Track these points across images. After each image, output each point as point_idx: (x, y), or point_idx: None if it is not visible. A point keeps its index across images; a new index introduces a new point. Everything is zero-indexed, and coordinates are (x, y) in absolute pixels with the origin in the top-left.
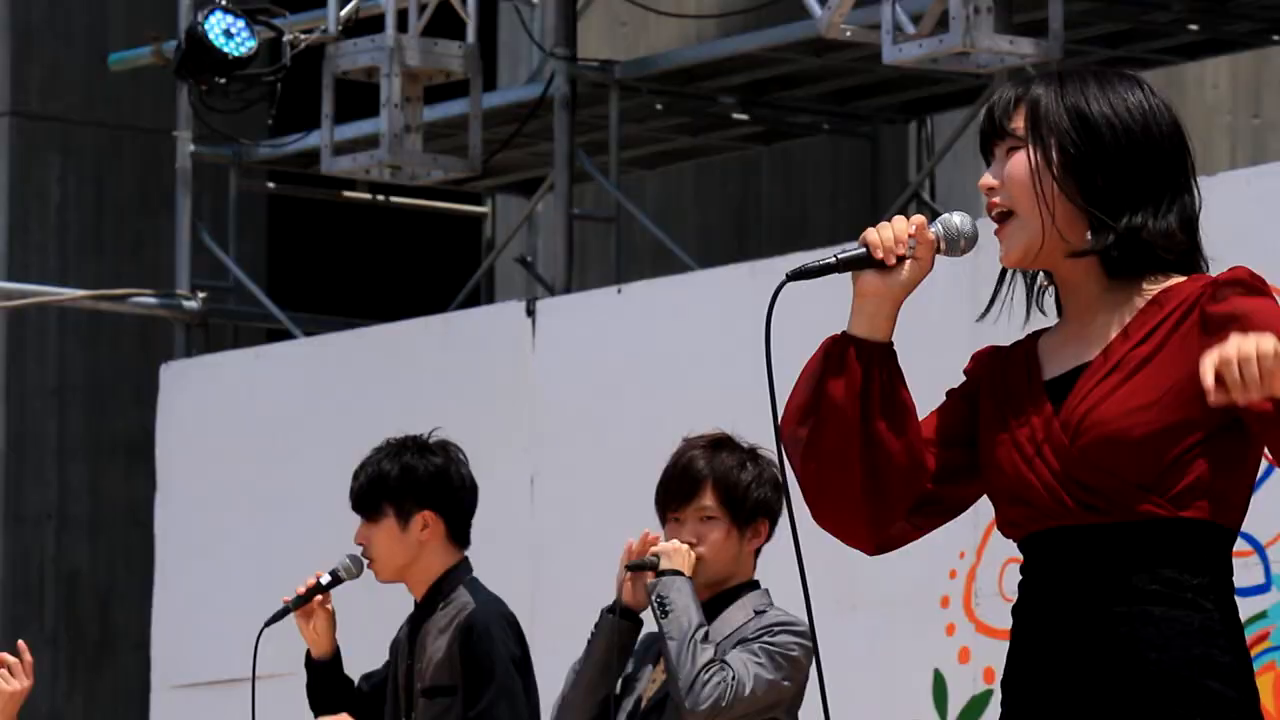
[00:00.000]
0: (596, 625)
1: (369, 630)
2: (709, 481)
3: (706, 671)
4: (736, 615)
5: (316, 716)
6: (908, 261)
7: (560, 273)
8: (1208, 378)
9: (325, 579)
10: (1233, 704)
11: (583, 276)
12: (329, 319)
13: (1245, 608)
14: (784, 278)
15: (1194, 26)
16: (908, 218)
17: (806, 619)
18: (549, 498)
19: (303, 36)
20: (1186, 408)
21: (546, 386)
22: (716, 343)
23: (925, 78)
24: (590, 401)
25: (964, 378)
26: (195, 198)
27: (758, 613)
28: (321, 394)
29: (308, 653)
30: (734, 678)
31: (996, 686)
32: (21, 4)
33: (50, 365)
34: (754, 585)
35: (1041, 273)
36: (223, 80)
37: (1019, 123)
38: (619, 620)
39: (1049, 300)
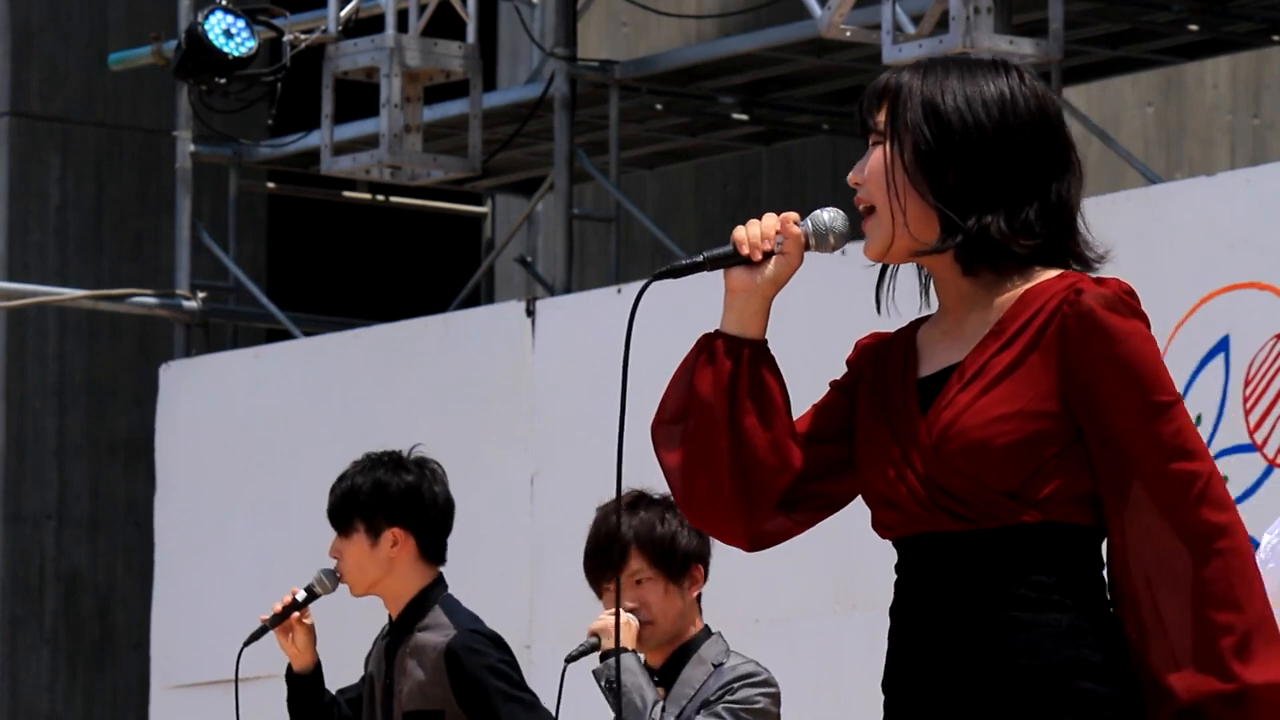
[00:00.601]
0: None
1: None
2: (634, 545)
3: None
4: (696, 674)
5: None
6: (775, 257)
7: (560, 273)
8: None
9: (301, 595)
10: (1105, 700)
11: (583, 276)
12: (329, 319)
13: None
14: (650, 277)
15: (1194, 26)
16: (784, 214)
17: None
18: (549, 498)
19: (303, 36)
20: (1047, 418)
21: (546, 386)
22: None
23: None
24: (590, 401)
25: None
26: (195, 198)
27: (716, 666)
28: (321, 394)
29: (289, 666)
30: None
31: None
32: (21, 4)
33: (50, 365)
34: (707, 634)
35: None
36: (223, 80)
37: (880, 116)
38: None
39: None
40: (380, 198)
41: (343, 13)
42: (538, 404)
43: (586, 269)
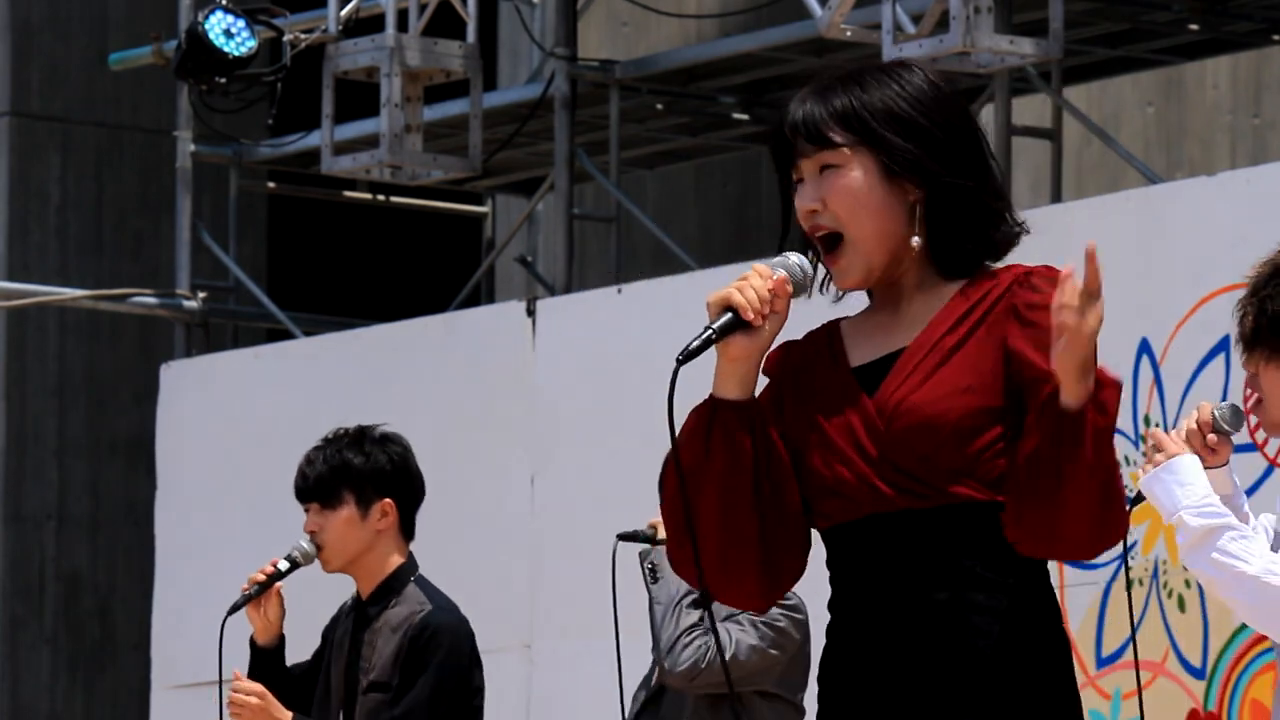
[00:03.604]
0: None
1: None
2: None
3: (689, 634)
4: None
5: None
6: (771, 317)
7: (560, 273)
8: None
9: (283, 565)
10: (1055, 676)
11: (583, 276)
12: (329, 319)
13: None
14: (675, 363)
15: (1194, 26)
16: (756, 266)
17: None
18: (549, 498)
19: (303, 36)
20: (996, 395)
21: (546, 386)
22: None
23: None
24: (590, 401)
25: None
26: (195, 198)
27: None
28: (321, 394)
29: (251, 638)
30: (714, 642)
31: None
32: (21, 4)
33: (50, 365)
34: None
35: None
36: (223, 80)
37: (838, 135)
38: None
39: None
40: (380, 198)
41: (343, 12)
42: (538, 404)
43: (587, 269)
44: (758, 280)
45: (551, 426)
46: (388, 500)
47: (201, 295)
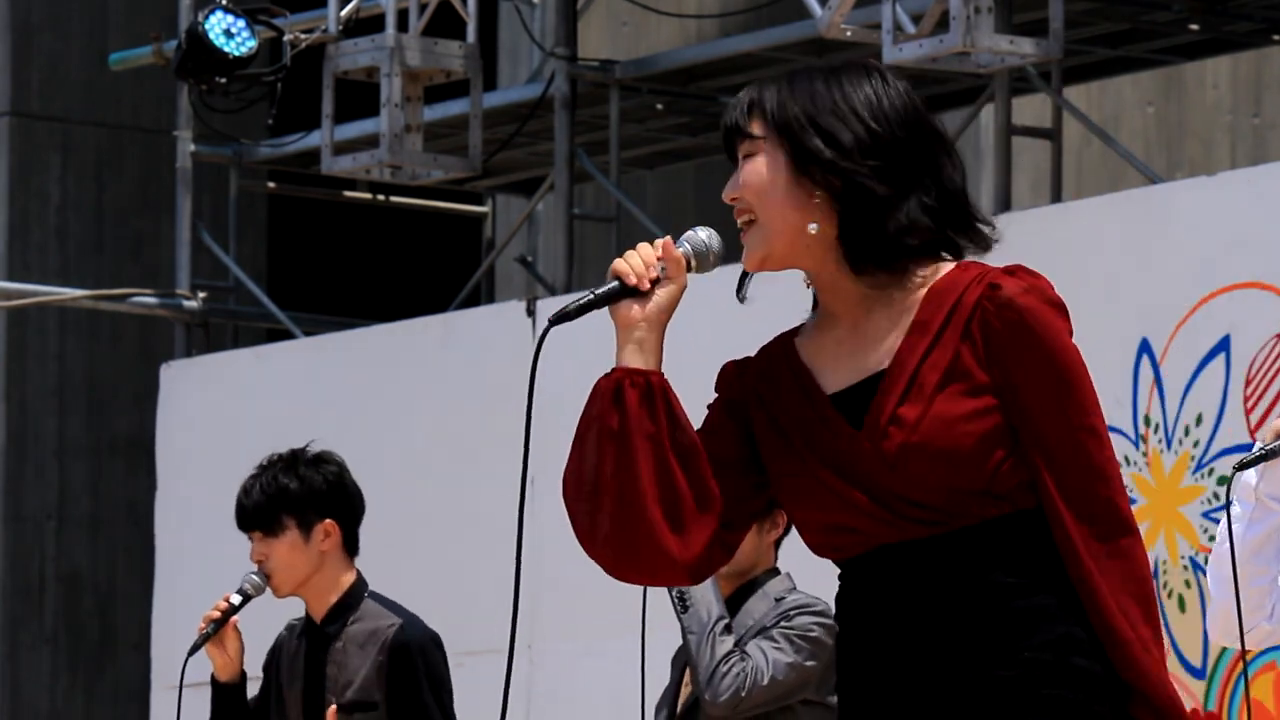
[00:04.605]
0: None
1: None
2: None
3: (725, 663)
4: (759, 606)
5: None
6: (661, 283)
7: (560, 273)
8: None
9: (236, 599)
10: (1099, 678)
11: (583, 276)
12: (329, 319)
13: None
14: (547, 323)
15: (1194, 26)
16: (658, 240)
17: (818, 602)
18: (549, 498)
19: (303, 36)
20: (995, 411)
21: (547, 386)
22: (716, 343)
23: (925, 78)
24: None
25: (716, 394)
26: (195, 198)
27: (778, 600)
28: (321, 394)
29: (213, 676)
30: (753, 667)
31: None
32: (21, 4)
33: (50, 365)
34: (775, 573)
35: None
36: (223, 80)
37: (754, 127)
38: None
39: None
40: (380, 198)
41: (343, 12)
42: (538, 404)
43: (587, 269)
44: (646, 248)
45: (551, 426)
46: (329, 520)
47: (201, 295)
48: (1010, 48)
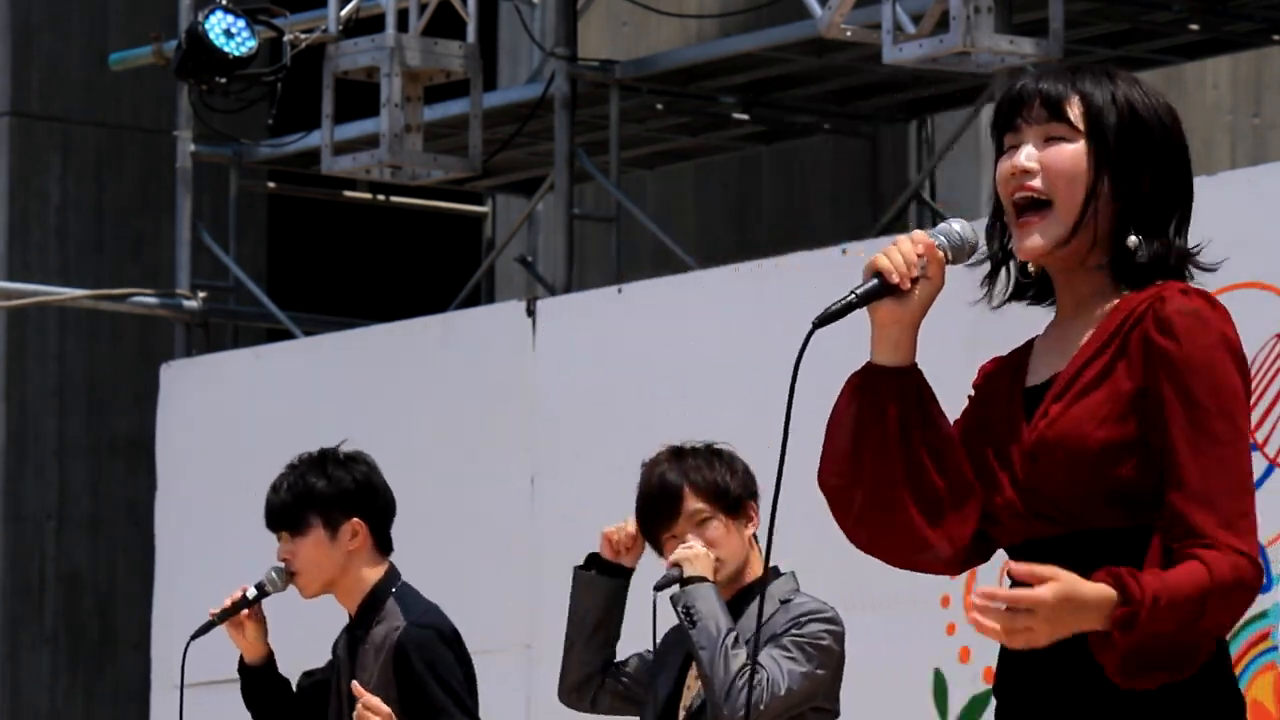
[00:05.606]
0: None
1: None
2: (687, 486)
3: (740, 677)
4: (765, 609)
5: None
6: (920, 281)
7: (560, 273)
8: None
9: (251, 593)
10: (1221, 686)
11: (583, 276)
12: (329, 319)
13: None
14: (811, 326)
15: (1194, 26)
16: (912, 233)
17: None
18: (549, 498)
19: (303, 36)
20: (1135, 422)
21: (546, 386)
22: (716, 342)
23: (925, 78)
24: (590, 401)
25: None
26: (195, 198)
27: (783, 603)
28: (321, 394)
29: (240, 658)
30: (768, 679)
31: None
32: (21, 4)
33: (50, 365)
34: (778, 573)
35: (1029, 266)
36: (223, 80)
37: (1074, 112)
38: (596, 575)
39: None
40: (380, 198)
41: (343, 12)
42: (538, 404)
43: (587, 269)
44: (907, 244)
45: (551, 426)
46: (356, 520)
47: (201, 295)
48: (1010, 48)
